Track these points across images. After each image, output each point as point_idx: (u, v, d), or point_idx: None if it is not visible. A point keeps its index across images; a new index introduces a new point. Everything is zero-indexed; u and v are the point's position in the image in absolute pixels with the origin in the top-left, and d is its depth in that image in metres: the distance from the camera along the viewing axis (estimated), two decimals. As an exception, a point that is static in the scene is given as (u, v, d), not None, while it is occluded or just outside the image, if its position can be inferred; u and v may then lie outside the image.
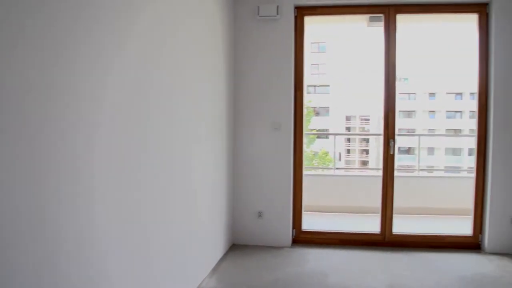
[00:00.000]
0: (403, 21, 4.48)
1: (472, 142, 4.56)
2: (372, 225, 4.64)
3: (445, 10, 4.34)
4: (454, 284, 3.46)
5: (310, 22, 4.61)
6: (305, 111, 4.69)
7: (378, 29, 4.49)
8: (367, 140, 27.57)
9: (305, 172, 4.70)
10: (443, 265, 3.92)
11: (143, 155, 2.44)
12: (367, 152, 27.94)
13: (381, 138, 4.44)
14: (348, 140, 27.69)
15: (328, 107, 27.23)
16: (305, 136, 4.66)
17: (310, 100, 24.62)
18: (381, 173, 4.48)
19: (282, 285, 3.46)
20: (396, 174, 4.47)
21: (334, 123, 26.41)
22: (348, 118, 27.66)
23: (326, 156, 21.96)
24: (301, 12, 4.47)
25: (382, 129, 4.44)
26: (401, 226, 4.59)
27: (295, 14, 4.46)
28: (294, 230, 4.58)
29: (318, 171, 16.19)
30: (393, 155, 4.41)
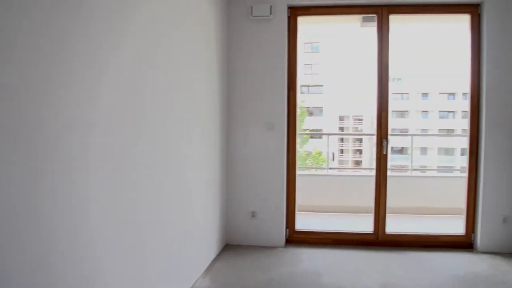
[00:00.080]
0: (396, 21, 4.50)
1: (464, 142, 4.58)
2: (365, 225, 4.65)
3: (437, 11, 4.36)
4: (447, 283, 3.48)
5: (303, 22, 4.61)
6: (298, 111, 4.70)
7: (371, 30, 4.51)
8: (360, 140, 27.68)
9: (298, 172, 4.70)
10: (436, 264, 3.94)
11: (138, 155, 2.43)
12: (360, 152, 28.05)
13: (374, 138, 4.46)
14: (342, 140, 27.78)
15: (322, 107, 27.30)
16: (298, 136, 4.66)
17: (304, 100, 24.68)
18: (374, 173, 4.49)
19: (275, 285, 3.46)
20: (389, 174, 4.49)
21: (328, 123, 26.49)
22: (341, 118, 27.75)
23: (320, 156, 22.01)
24: (294, 12, 4.48)
25: (375, 129, 4.46)
26: (394, 226, 4.61)
27: (289, 14, 4.46)
28: (287, 230, 4.58)
29: (312, 171, 16.23)
30: (386, 155, 4.42)
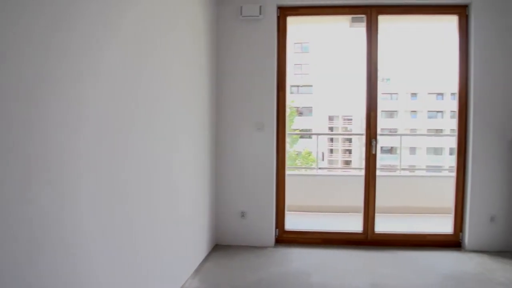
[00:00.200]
0: (385, 21, 4.52)
1: (453, 142, 4.62)
2: (355, 224, 4.67)
3: (425, 12, 4.39)
4: (435, 281, 3.50)
5: (293, 22, 4.61)
6: (288, 111, 4.69)
7: (361, 30, 4.52)
8: (350, 140, 27.84)
9: (288, 172, 4.70)
10: (425, 263, 3.96)
11: (129, 155, 2.41)
12: (350, 152, 28.21)
13: (364, 138, 4.48)
14: (331, 140, 27.92)
15: (311, 107, 27.41)
16: (288, 136, 4.66)
17: (293, 100, 24.74)
18: (364, 172, 4.51)
19: (265, 285, 3.45)
20: (378, 173, 4.50)
21: (317, 123, 26.60)
22: (331, 118, 27.89)
23: (309, 156, 22.10)
24: (283, 12, 4.48)
25: (365, 129, 4.48)
26: (384, 225, 4.62)
27: (278, 14, 4.46)
28: (277, 230, 4.58)
29: (301, 171, 16.28)
30: (375, 155, 4.44)
